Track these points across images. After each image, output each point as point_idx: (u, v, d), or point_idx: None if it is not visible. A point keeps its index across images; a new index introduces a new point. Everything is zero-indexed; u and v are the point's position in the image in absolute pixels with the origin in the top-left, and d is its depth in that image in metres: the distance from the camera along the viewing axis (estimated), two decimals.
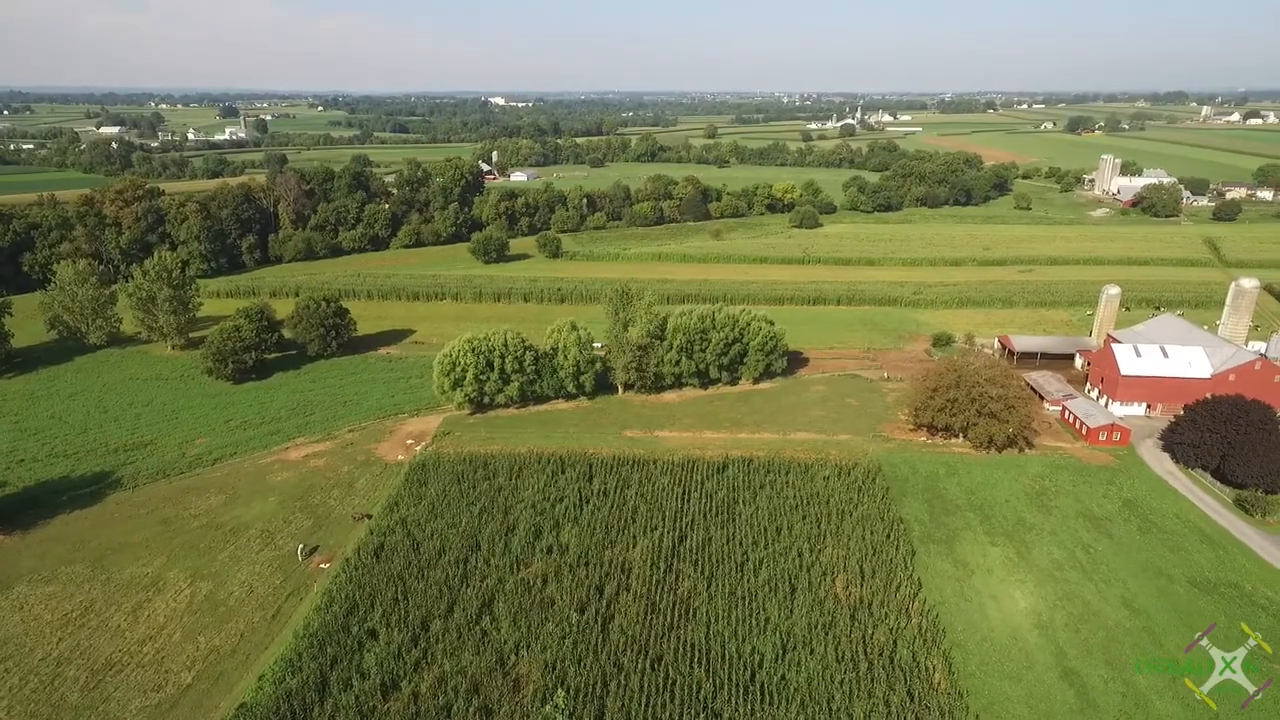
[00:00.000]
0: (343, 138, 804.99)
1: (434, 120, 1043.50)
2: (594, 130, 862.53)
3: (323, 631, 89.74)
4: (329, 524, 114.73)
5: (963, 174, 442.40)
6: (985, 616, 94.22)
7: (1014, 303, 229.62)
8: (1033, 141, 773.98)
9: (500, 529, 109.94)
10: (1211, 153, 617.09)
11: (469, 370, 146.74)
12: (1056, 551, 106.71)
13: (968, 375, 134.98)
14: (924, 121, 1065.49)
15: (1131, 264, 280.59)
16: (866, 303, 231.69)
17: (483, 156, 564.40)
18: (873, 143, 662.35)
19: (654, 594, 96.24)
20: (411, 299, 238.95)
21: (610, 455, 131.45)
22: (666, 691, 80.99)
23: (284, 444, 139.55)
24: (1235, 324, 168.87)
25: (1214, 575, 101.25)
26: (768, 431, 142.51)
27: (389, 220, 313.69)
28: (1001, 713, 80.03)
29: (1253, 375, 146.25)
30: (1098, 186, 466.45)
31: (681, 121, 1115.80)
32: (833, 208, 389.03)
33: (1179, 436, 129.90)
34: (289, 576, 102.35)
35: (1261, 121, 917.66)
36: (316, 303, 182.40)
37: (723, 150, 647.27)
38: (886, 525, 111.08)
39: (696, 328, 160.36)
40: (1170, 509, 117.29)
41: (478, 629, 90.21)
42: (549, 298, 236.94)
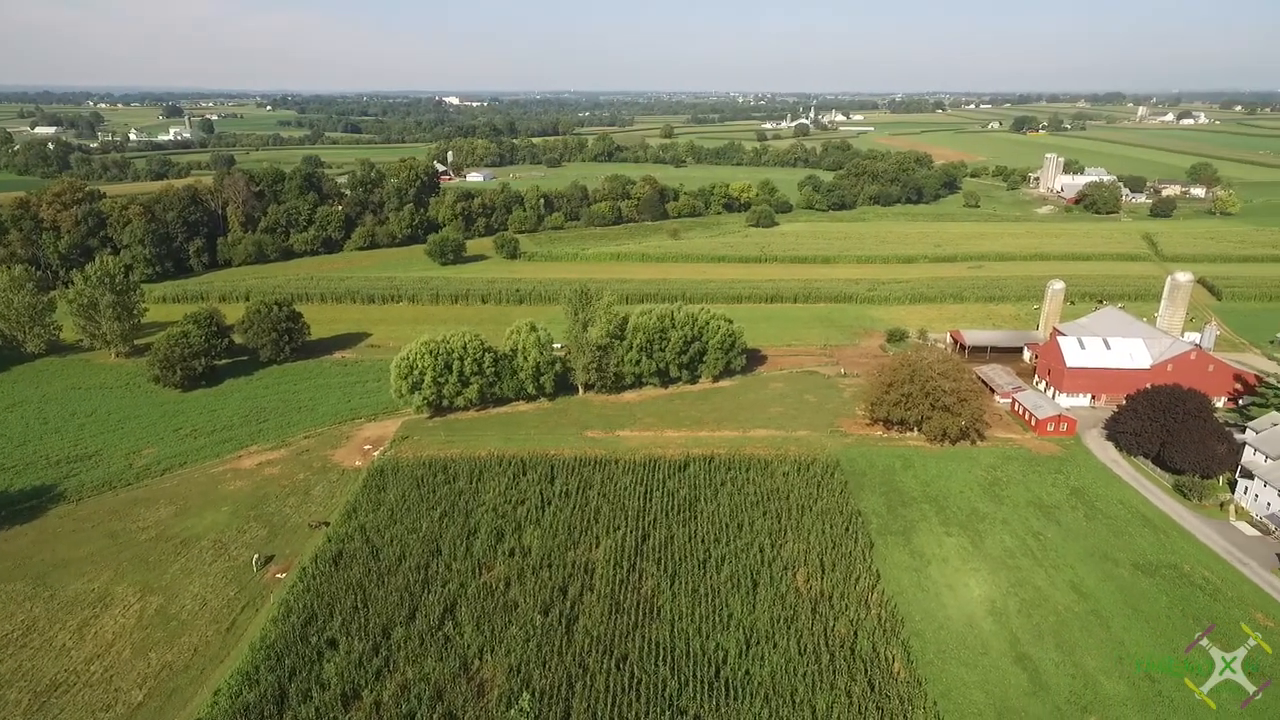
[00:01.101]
0: (293, 138, 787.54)
1: (387, 120, 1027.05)
2: (550, 130, 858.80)
3: (280, 643, 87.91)
4: (285, 533, 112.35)
5: (914, 173, 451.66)
6: (942, 605, 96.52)
7: (965, 298, 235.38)
8: (980, 141, 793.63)
9: (461, 533, 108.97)
10: (1148, 151, 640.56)
11: (427, 373, 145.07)
12: (1008, 540, 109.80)
13: (921, 370, 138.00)
14: (876, 121, 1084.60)
15: (1075, 259, 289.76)
16: (823, 300, 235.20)
17: (438, 157, 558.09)
18: (826, 142, 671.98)
19: (618, 594, 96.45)
20: (367, 302, 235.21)
21: (572, 456, 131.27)
22: (632, 691, 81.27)
23: (237, 452, 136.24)
24: (1172, 316, 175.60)
25: (1155, 558, 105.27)
26: (728, 429, 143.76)
27: (342, 222, 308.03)
28: (958, 698, 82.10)
29: (1189, 365, 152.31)
30: (1042, 184, 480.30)
31: (638, 121, 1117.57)
32: (788, 206, 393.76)
33: (1121, 425, 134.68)
34: (244, 588, 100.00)
35: (1193, 122, 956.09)
36: (268, 306, 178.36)
37: (679, 150, 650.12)
38: (845, 518, 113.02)
39: (656, 327, 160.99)
40: (1114, 495, 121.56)
41: (440, 635, 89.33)
42: (507, 299, 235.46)
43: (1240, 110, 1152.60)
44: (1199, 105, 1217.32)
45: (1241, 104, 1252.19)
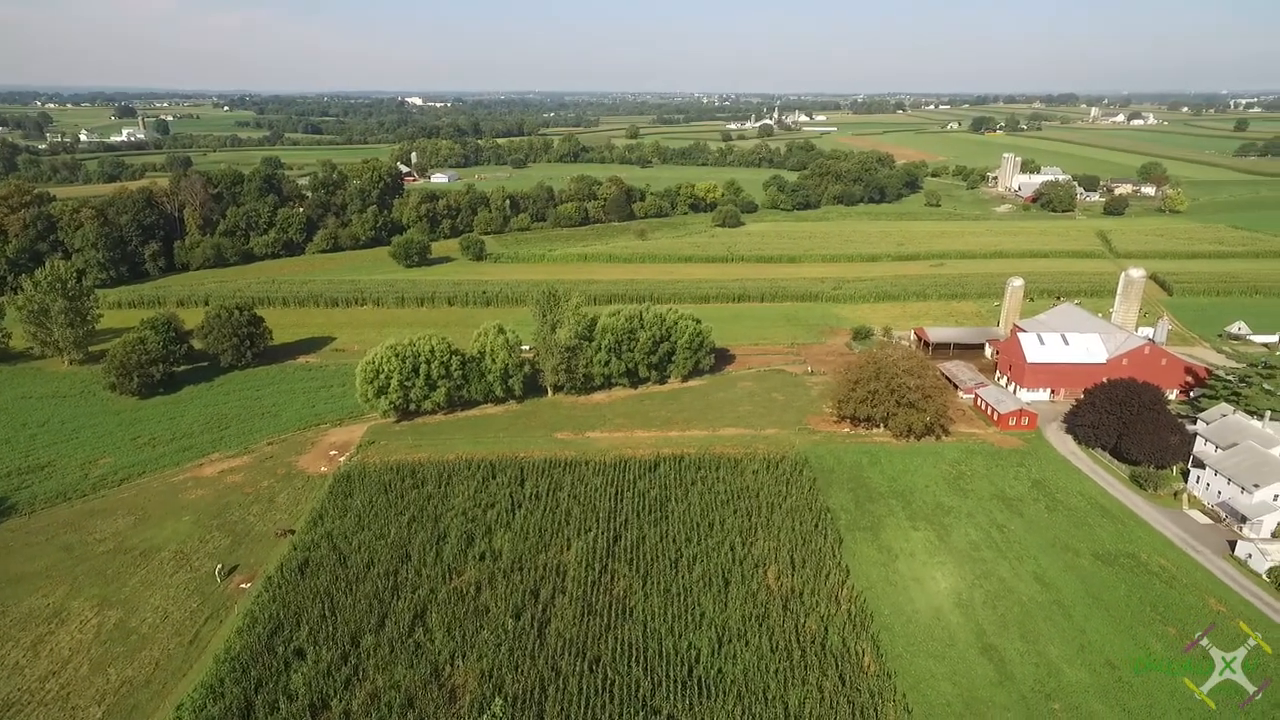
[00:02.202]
0: (252, 139, 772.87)
1: (349, 121, 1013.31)
2: (515, 131, 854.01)
3: (245, 654, 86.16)
4: (249, 542, 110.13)
5: (876, 173, 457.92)
6: (910, 599, 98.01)
7: (927, 296, 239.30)
8: (940, 141, 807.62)
9: (431, 538, 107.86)
10: (1100, 151, 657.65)
11: (393, 377, 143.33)
12: (973, 533, 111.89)
13: (886, 367, 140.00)
14: (838, 121, 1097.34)
15: (1033, 256, 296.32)
16: (789, 299, 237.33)
17: (401, 158, 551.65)
18: (790, 142, 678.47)
19: (590, 595, 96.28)
20: (330, 305, 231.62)
21: (542, 458, 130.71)
22: (606, 692, 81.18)
23: (198, 460, 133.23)
24: (1126, 311, 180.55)
25: (1114, 547, 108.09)
26: (697, 428, 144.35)
27: (304, 224, 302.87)
28: (927, 690, 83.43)
29: (1143, 359, 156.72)
30: (1001, 183, 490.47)
31: (604, 122, 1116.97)
32: (754, 206, 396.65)
33: (1080, 419, 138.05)
34: (207, 599, 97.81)
35: (1142, 122, 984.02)
36: (229, 311, 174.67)
37: (645, 150, 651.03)
38: (814, 515, 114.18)
39: (625, 328, 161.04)
40: (1074, 487, 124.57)
41: (411, 641, 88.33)
42: (474, 301, 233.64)
43: (1186, 111, 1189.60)
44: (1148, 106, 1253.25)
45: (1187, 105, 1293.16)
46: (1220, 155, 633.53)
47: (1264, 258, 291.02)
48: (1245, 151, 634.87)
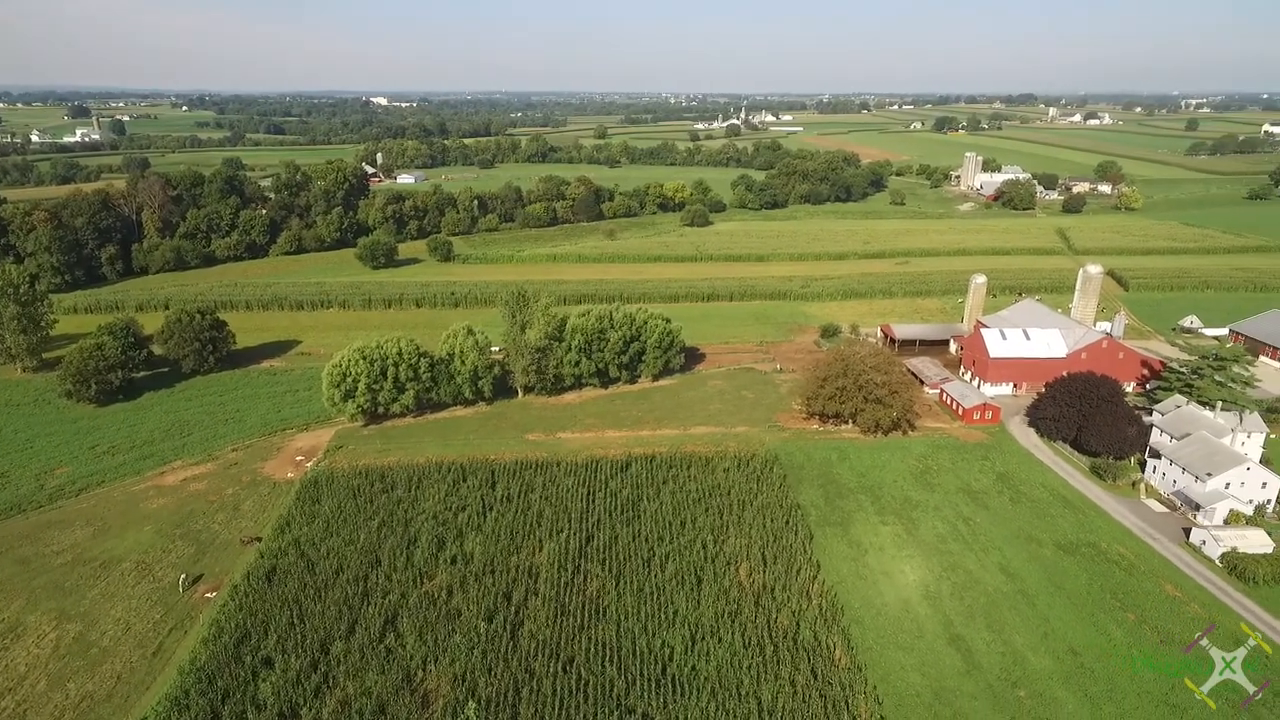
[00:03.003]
0: (212, 139, 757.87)
1: (312, 121, 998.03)
2: (482, 131, 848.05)
3: (211, 664, 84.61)
4: (214, 550, 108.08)
5: (842, 172, 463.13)
6: (879, 592, 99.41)
7: (893, 293, 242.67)
8: (904, 140, 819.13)
9: (401, 542, 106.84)
10: (1059, 150, 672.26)
11: (361, 380, 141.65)
12: (940, 525, 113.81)
13: (854, 364, 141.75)
14: (804, 121, 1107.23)
15: (995, 254, 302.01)
16: (758, 297, 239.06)
17: (366, 158, 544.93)
18: (757, 142, 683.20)
19: (563, 596, 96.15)
20: (295, 308, 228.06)
21: (513, 460, 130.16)
22: (580, 693, 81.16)
23: (159, 468, 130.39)
24: (1084, 306, 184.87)
25: (1075, 537, 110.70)
26: (668, 427, 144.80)
27: (267, 226, 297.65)
28: (897, 682, 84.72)
29: (1101, 353, 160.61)
30: (963, 182, 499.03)
31: (571, 122, 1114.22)
32: (722, 206, 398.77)
33: (1041, 412, 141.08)
34: (170, 609, 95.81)
35: (1098, 122, 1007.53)
36: (190, 315, 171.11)
37: (613, 150, 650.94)
38: (785, 512, 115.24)
39: (595, 328, 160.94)
40: (1037, 479, 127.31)
41: (382, 647, 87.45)
42: (443, 302, 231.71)
43: (1140, 111, 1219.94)
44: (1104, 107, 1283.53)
45: (1141, 106, 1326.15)
46: (1172, 154, 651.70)
47: (1214, 254, 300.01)
48: (1196, 151, 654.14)
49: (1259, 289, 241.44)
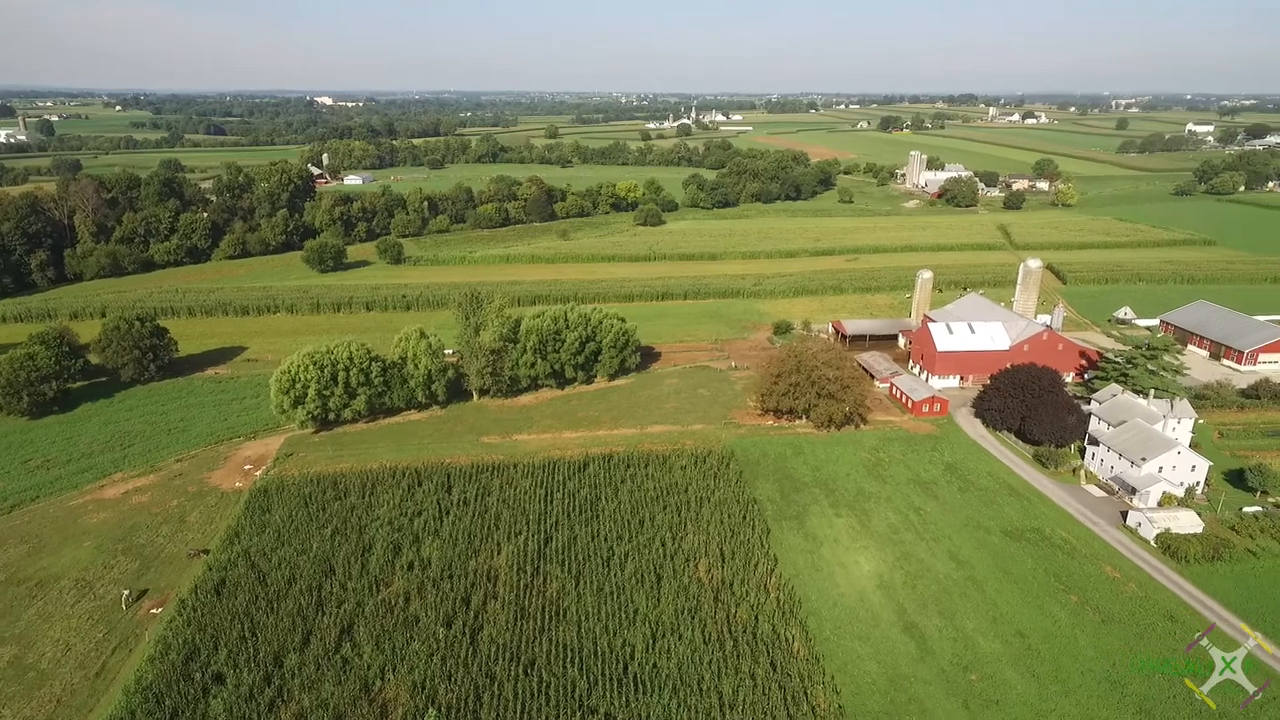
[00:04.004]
0: (148, 140, 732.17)
1: (254, 121, 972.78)
2: (431, 131, 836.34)
3: (159, 683, 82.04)
4: (159, 564, 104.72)
5: (792, 170, 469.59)
6: (835, 583, 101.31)
7: (843, 290, 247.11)
8: (851, 139, 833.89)
9: (355, 550, 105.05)
10: (999, 149, 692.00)
11: (311, 386, 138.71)
12: (893, 516, 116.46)
13: (807, 360, 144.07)
14: (754, 121, 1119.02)
15: (940, 250, 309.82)
16: (711, 296, 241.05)
17: (312, 159, 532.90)
18: (708, 141, 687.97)
19: (522, 599, 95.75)
20: (240, 314, 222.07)
21: (469, 463, 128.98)
22: (541, 695, 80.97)
23: (98, 481, 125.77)
24: (1026, 300, 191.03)
25: (1021, 524, 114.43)
26: (625, 427, 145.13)
27: (209, 230, 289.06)
28: (854, 671, 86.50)
29: (1042, 345, 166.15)
30: (909, 180, 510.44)
31: (522, 121, 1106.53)
32: (674, 205, 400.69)
33: (987, 403, 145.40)
34: (113, 627, 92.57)
35: (1035, 121, 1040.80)
36: (129, 323, 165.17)
37: (565, 150, 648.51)
38: (742, 507, 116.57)
39: (550, 329, 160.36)
40: (984, 469, 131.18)
41: (338, 657, 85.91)
42: (394, 305, 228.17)
43: (1074, 111, 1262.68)
44: (1040, 106, 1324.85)
45: (1075, 105, 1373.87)
46: (1105, 152, 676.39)
47: (1145, 247, 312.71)
48: (1126, 149, 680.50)
49: (1186, 281, 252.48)
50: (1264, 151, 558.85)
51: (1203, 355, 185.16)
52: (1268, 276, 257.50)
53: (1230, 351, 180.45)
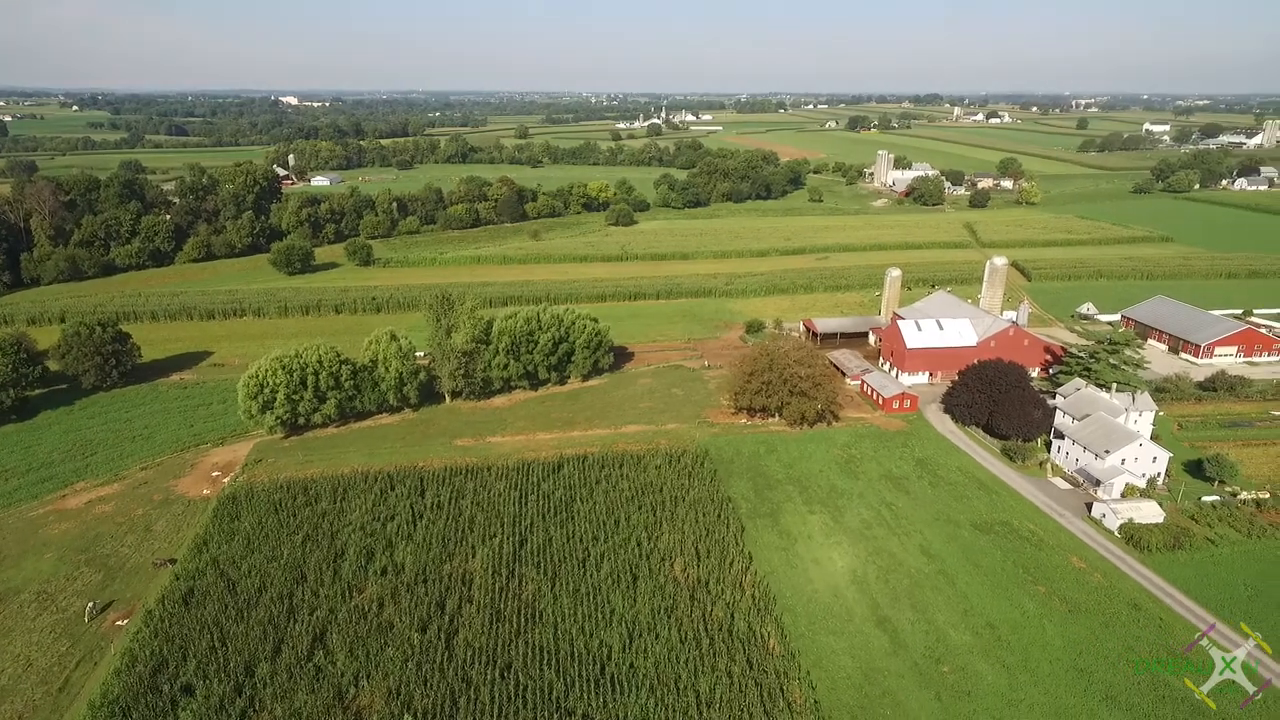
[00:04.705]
0: (107, 141, 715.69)
1: (217, 121, 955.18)
2: (400, 131, 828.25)
3: (126, 696, 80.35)
4: (124, 575, 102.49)
5: (762, 170, 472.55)
6: (809, 580, 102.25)
7: (814, 288, 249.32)
8: (820, 139, 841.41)
9: (327, 556, 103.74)
10: (964, 148, 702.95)
11: (280, 390, 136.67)
12: (865, 512, 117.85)
13: (779, 358, 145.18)
14: (724, 121, 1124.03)
15: (909, 248, 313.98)
16: (684, 295, 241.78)
17: (278, 160, 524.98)
18: (679, 141, 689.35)
19: (498, 602, 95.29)
20: (205, 318, 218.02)
21: (442, 466, 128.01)
22: (519, 699, 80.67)
23: (59, 491, 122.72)
24: (992, 297, 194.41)
25: (990, 517, 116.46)
26: (600, 427, 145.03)
27: (172, 232, 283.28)
28: (829, 666, 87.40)
29: (1008, 340, 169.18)
30: (877, 179, 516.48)
31: (492, 122, 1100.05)
32: (646, 205, 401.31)
33: (955, 399, 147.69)
34: (77, 641, 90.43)
35: (999, 121, 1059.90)
36: (89, 328, 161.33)
37: (535, 150, 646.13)
38: (717, 506, 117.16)
39: (523, 330, 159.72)
40: (953, 463, 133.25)
41: (310, 666, 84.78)
42: (364, 308, 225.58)
43: (1036, 111, 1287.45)
44: (1003, 106, 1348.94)
45: (1037, 105, 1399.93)
46: (1066, 151, 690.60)
47: (1106, 244, 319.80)
48: (1086, 148, 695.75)
49: (1145, 277, 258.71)
50: (1217, 150, 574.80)
51: (1162, 349, 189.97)
52: (1222, 272, 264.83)
53: (1188, 345, 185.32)
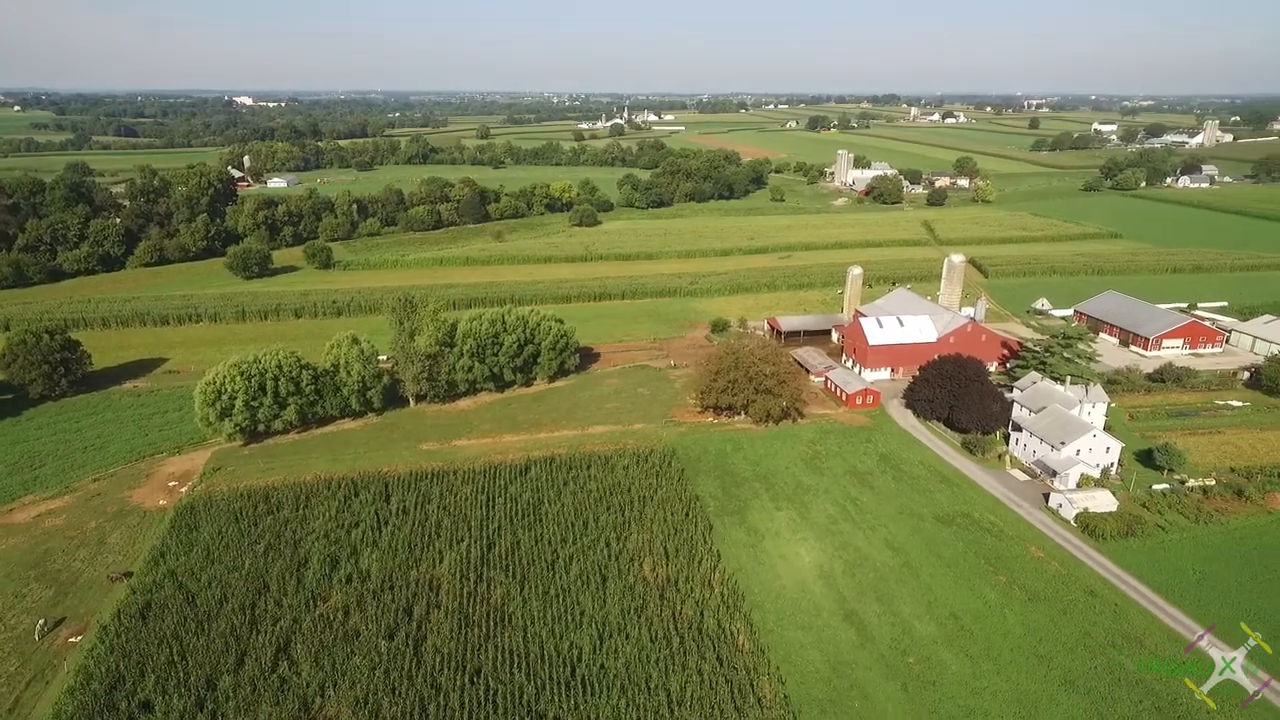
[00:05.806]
0: (52, 142, 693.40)
1: (169, 122, 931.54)
2: (359, 132, 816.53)
3: (80, 715, 78.07)
4: (76, 590, 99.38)
5: (724, 170, 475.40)
6: (777, 576, 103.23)
7: (777, 287, 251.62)
8: (781, 139, 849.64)
9: (290, 565, 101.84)
10: (922, 147, 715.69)
11: (238, 397, 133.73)
12: (830, 508, 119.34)
13: (744, 357, 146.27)
14: (686, 121, 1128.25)
15: (869, 246, 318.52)
16: (648, 295, 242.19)
17: (233, 162, 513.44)
18: (642, 141, 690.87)
19: (466, 606, 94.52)
20: (159, 324, 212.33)
21: (407, 471, 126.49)
22: (489, 703, 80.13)
23: (7, 505, 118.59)
24: (950, 293, 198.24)
25: (952, 509, 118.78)
26: (566, 428, 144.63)
27: (122, 236, 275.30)
28: (798, 661, 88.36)
29: (966, 336, 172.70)
30: (837, 178, 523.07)
31: (453, 122, 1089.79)
32: (609, 205, 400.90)
33: (917, 394, 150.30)
34: (28, 659, 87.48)
35: (954, 121, 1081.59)
36: (36, 336, 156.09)
37: (497, 151, 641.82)
38: (685, 504, 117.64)
39: (487, 332, 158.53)
40: (916, 458, 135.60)
41: (274, 677, 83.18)
42: (324, 311, 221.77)
43: (990, 111, 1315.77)
44: (959, 106, 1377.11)
45: (990, 105, 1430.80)
46: (1019, 150, 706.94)
47: (1059, 241, 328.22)
48: (1039, 147, 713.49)
49: (1096, 272, 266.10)
50: (1162, 149, 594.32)
51: (1113, 342, 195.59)
52: (1168, 267, 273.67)
53: (1137, 338, 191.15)
